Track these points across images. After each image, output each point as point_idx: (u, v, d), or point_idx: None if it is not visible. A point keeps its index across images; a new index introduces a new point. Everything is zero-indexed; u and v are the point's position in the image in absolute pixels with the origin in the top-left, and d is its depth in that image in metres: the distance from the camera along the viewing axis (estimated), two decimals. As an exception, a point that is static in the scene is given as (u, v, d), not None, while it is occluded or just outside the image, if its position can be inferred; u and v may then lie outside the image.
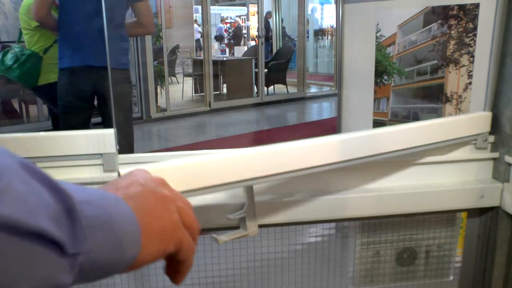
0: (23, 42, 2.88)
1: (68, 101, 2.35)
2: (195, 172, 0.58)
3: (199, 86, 7.05)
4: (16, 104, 5.43)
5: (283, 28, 10.30)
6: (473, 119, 0.81)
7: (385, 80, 0.95)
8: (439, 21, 0.88)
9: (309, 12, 9.99)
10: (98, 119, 2.61)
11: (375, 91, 0.96)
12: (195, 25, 9.68)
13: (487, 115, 0.82)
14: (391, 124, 0.97)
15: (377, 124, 0.98)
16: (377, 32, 0.94)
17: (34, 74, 2.71)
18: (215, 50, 9.01)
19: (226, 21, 11.37)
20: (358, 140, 0.69)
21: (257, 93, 7.34)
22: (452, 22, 0.87)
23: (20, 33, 3.01)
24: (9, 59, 2.67)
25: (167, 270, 0.45)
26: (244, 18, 11.13)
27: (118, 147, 0.73)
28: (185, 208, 0.44)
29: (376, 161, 0.72)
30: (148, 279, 0.84)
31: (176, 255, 0.43)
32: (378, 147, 0.70)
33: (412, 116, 0.95)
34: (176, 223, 0.42)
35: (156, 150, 4.45)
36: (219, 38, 10.66)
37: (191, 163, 0.58)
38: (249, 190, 0.68)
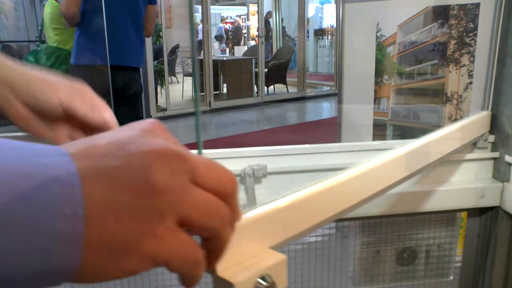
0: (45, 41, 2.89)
1: None
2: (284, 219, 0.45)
3: (199, 85, 7.05)
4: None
5: (283, 28, 10.31)
6: (473, 121, 0.81)
7: (386, 79, 0.95)
8: (440, 21, 0.88)
9: (313, 12, 9.99)
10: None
11: (376, 91, 0.96)
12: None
13: (487, 115, 0.82)
14: (391, 124, 0.97)
15: (377, 123, 0.98)
16: (377, 32, 0.93)
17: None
18: (215, 50, 9.02)
19: (226, 20, 11.37)
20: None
21: (257, 92, 7.35)
22: (453, 22, 0.86)
23: (40, 32, 3.02)
24: (45, 59, 2.68)
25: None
26: (244, 18, 11.13)
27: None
28: (203, 203, 0.28)
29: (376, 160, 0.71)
30: (148, 279, 0.84)
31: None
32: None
33: (413, 116, 0.95)
34: (158, 237, 0.26)
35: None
36: (219, 38, 10.67)
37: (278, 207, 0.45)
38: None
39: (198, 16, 6.83)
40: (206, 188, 0.28)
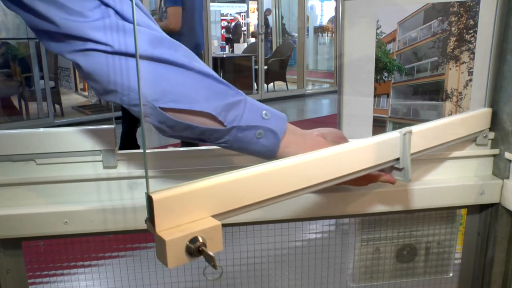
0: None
1: None
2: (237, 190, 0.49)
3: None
4: (15, 101, 5.44)
5: (283, 25, 10.29)
6: (474, 116, 0.81)
7: (385, 77, 0.95)
8: (440, 18, 0.88)
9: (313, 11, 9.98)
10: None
11: (375, 88, 0.96)
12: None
13: (488, 112, 0.82)
14: (391, 121, 0.97)
15: (377, 121, 0.98)
16: (377, 29, 0.93)
17: None
18: (215, 47, 9.03)
19: (225, 18, 11.36)
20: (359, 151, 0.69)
21: (256, 90, 7.34)
22: (453, 19, 0.86)
23: None
24: None
25: None
26: (244, 15, 11.11)
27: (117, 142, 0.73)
28: None
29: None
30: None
31: None
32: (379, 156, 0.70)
33: (412, 113, 0.95)
34: None
35: (158, 146, 4.44)
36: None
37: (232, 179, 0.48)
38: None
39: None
40: None
